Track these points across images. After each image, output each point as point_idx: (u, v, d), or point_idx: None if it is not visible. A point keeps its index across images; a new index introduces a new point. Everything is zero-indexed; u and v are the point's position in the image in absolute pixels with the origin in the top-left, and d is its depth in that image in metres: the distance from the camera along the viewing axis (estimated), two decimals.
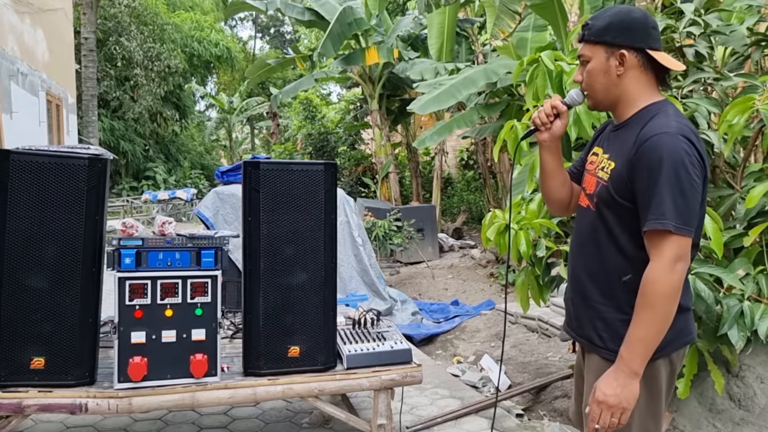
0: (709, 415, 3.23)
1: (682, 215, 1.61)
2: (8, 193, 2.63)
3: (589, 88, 1.84)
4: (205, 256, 2.81)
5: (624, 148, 1.76)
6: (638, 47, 1.75)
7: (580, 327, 1.90)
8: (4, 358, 2.62)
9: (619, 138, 1.82)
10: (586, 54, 1.82)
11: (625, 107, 1.82)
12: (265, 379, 2.90)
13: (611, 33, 1.76)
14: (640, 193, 1.68)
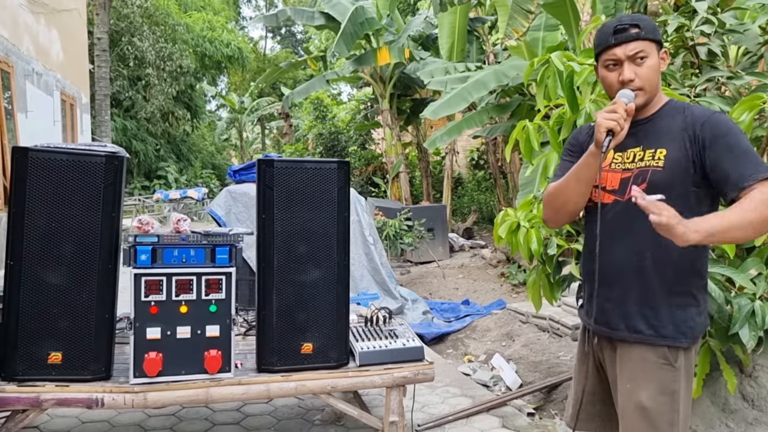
0: (722, 415, 3.22)
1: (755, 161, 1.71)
2: (27, 190, 2.67)
3: (648, 83, 1.87)
4: (220, 253, 2.84)
5: (670, 135, 1.84)
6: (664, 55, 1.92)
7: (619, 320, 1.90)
8: (23, 353, 2.66)
9: (654, 129, 1.89)
10: (644, 51, 1.86)
11: (656, 102, 1.92)
12: (278, 375, 2.93)
13: (658, 33, 1.89)
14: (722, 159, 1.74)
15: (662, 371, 1.83)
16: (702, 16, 3.16)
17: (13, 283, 2.66)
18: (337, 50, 9.84)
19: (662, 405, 1.83)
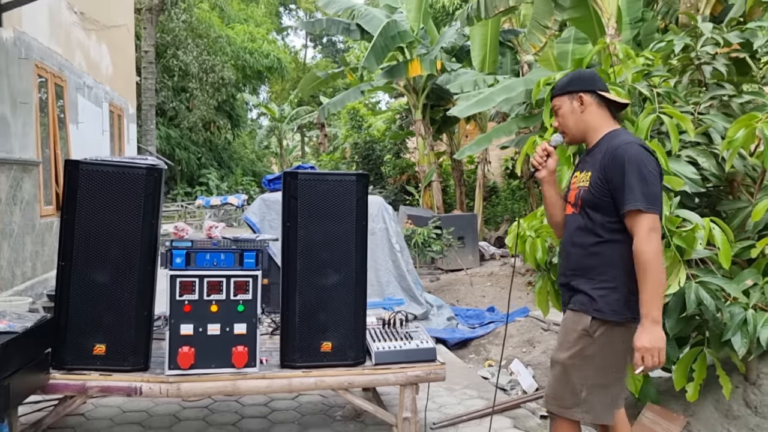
0: (725, 421, 3.32)
1: (648, 197, 2.16)
2: (77, 198, 2.98)
3: (564, 127, 2.47)
4: (247, 257, 3.10)
5: (596, 161, 2.32)
6: (590, 90, 2.41)
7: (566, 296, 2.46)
8: (71, 345, 2.97)
9: (592, 157, 2.39)
10: (557, 104, 2.47)
11: (593, 135, 2.42)
12: (299, 371, 3.17)
13: (570, 85, 2.44)
14: (616, 188, 2.22)
15: (582, 339, 2.31)
16: (707, 37, 3.29)
17: (64, 281, 2.98)
18: (366, 64, 10.14)
19: (577, 365, 2.32)
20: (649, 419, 3.38)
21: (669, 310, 2.69)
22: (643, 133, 2.99)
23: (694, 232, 2.57)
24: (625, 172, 2.18)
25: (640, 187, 2.15)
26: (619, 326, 2.27)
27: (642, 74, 3.30)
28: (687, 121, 2.97)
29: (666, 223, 2.63)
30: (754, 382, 3.41)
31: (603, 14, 6.45)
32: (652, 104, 3.14)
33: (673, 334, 2.73)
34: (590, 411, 2.33)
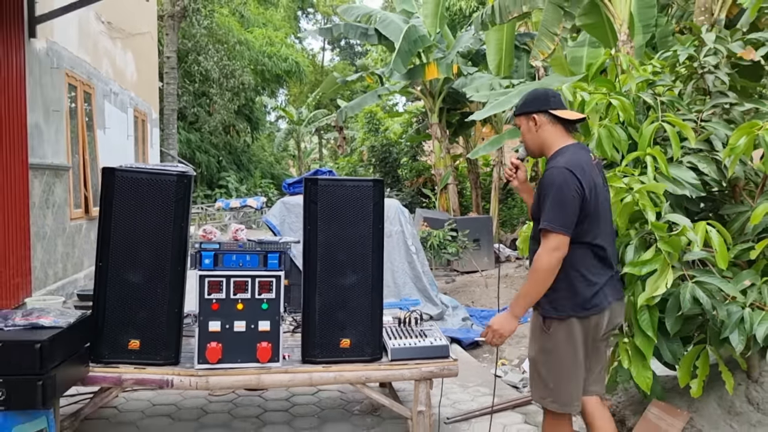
0: (727, 417, 3.44)
1: (557, 220, 2.48)
2: (113, 203, 3.20)
3: (526, 142, 2.79)
4: (271, 258, 3.29)
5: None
6: (543, 110, 2.67)
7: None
8: (107, 340, 3.18)
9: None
10: (517, 123, 2.79)
11: (547, 151, 2.70)
12: (319, 366, 3.36)
13: (525, 106, 2.72)
14: (541, 206, 2.56)
15: (542, 335, 2.65)
16: (709, 47, 3.43)
17: (101, 281, 3.20)
18: (394, 68, 10.36)
19: (541, 359, 2.67)
20: (654, 415, 3.51)
21: (668, 310, 2.84)
22: (647, 140, 3.14)
23: (680, 236, 2.71)
24: (546, 195, 2.53)
25: (553, 210, 2.50)
26: (566, 322, 2.59)
27: (646, 83, 3.44)
28: (688, 129, 3.11)
29: (653, 227, 2.78)
30: (756, 379, 3.53)
31: (615, 20, 6.57)
32: (655, 113, 3.29)
33: (673, 332, 2.87)
34: (557, 400, 2.63)
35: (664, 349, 3.01)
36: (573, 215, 2.49)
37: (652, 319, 2.82)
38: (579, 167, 2.53)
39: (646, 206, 2.78)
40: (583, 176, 2.51)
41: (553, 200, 2.49)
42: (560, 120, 2.66)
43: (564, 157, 2.58)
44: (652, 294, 2.69)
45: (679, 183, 3.02)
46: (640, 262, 2.78)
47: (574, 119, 2.68)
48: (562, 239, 2.48)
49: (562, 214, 2.47)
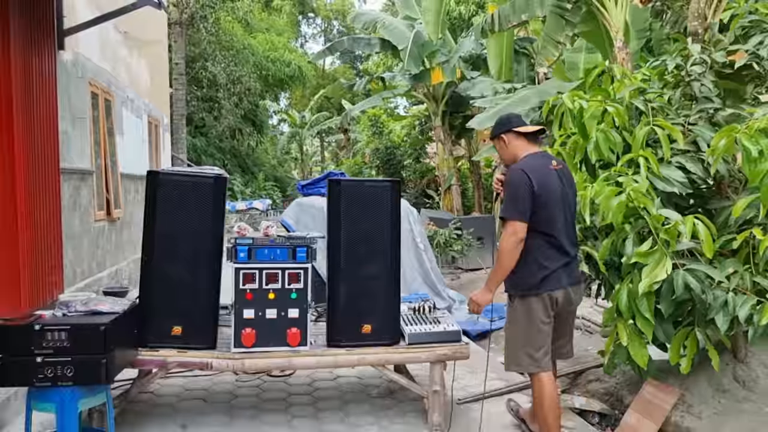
0: (716, 393, 3.78)
1: (512, 211, 3.13)
2: (156, 203, 3.53)
3: (501, 158, 3.52)
4: (299, 252, 3.62)
5: None
6: (506, 130, 3.36)
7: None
8: (153, 327, 3.51)
9: None
10: (494, 144, 3.52)
11: (517, 160, 3.32)
12: (343, 350, 3.69)
13: (495, 131, 3.46)
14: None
15: (509, 310, 3.39)
16: (695, 57, 3.77)
17: (146, 273, 3.53)
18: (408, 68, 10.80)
19: (509, 330, 3.39)
20: (649, 392, 3.85)
21: (662, 294, 3.17)
22: (639, 143, 3.47)
23: (674, 228, 3.05)
24: (506, 192, 3.21)
25: (509, 203, 3.16)
26: (525, 298, 3.24)
27: (638, 91, 3.78)
28: (677, 132, 3.45)
29: (652, 221, 3.11)
30: (742, 360, 3.88)
31: (611, 28, 6.91)
32: (647, 117, 3.63)
33: (667, 314, 3.21)
34: (520, 364, 3.30)
35: (659, 330, 3.35)
36: (526, 206, 3.12)
37: (649, 304, 3.15)
38: (532, 169, 3.18)
39: (645, 203, 3.10)
40: (534, 175, 3.15)
41: (509, 195, 3.18)
42: (523, 134, 3.34)
43: (522, 162, 3.26)
44: (653, 281, 3.02)
45: (668, 181, 3.36)
46: (645, 253, 3.11)
47: (534, 131, 3.35)
48: (518, 225, 3.11)
49: (516, 204, 3.13)
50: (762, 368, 3.82)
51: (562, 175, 3.28)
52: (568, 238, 3.24)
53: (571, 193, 3.31)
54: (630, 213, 3.21)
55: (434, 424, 3.73)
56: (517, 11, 7.64)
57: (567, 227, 3.25)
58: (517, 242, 3.12)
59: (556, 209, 3.18)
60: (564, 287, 3.24)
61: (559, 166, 3.31)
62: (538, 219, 3.15)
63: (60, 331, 2.82)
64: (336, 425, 3.82)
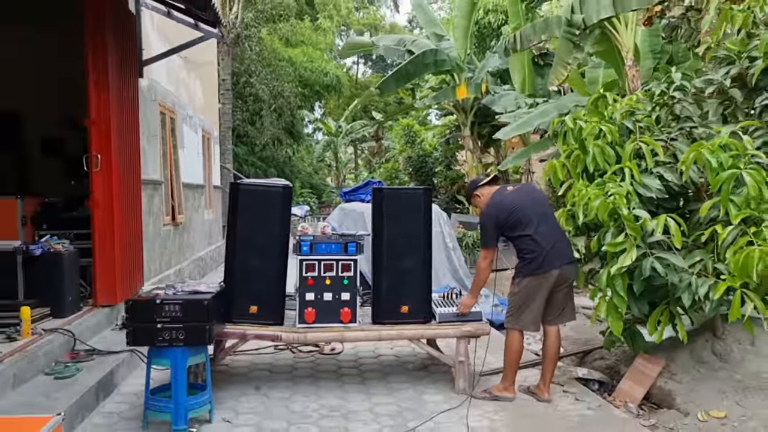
0: (696, 365, 4.52)
1: (484, 242, 4.46)
2: (238, 208, 4.45)
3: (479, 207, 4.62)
4: (350, 247, 4.50)
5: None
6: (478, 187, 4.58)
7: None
8: (236, 306, 4.41)
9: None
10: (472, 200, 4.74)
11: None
12: (385, 326, 4.55)
13: (469, 191, 4.71)
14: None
15: (512, 286, 4.42)
16: (676, 84, 4.53)
17: (230, 264, 4.45)
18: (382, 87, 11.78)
19: (510, 299, 4.40)
20: (640, 363, 4.61)
21: (635, 277, 3.97)
22: (627, 156, 4.26)
23: (643, 225, 3.84)
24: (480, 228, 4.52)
25: (482, 237, 4.54)
26: (525, 278, 4.29)
27: (628, 113, 4.57)
28: (657, 147, 4.23)
29: (623, 219, 3.90)
30: (719, 336, 4.61)
31: (622, 48, 7.65)
32: (635, 135, 4.41)
33: (638, 293, 4.01)
34: (517, 323, 4.36)
35: (633, 305, 4.13)
36: (491, 238, 4.38)
37: (623, 284, 3.95)
38: (495, 205, 4.39)
39: (619, 204, 3.90)
40: (496, 209, 4.36)
41: (481, 231, 4.51)
42: (486, 183, 4.56)
43: (488, 204, 4.45)
44: (621, 265, 3.82)
45: (648, 188, 4.13)
46: (617, 243, 3.92)
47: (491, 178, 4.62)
48: (488, 251, 4.38)
49: (485, 238, 4.44)
50: (736, 344, 4.54)
51: (519, 193, 4.45)
52: (546, 230, 4.26)
53: (529, 200, 4.37)
54: (612, 212, 4.00)
55: (460, 388, 4.56)
56: (537, 32, 8.43)
57: (541, 223, 4.26)
58: (488, 263, 4.37)
59: (523, 216, 4.26)
60: (557, 268, 4.23)
61: (514, 189, 4.51)
62: (514, 228, 4.29)
63: (174, 305, 3.74)
64: (379, 388, 4.68)
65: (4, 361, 3.97)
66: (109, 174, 5.70)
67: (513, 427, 3.94)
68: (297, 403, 4.34)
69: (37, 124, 8.18)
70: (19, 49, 7.64)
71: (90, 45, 5.61)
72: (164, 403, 3.77)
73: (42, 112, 7.97)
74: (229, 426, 3.92)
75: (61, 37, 7.01)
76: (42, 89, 7.72)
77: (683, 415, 4.11)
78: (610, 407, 4.32)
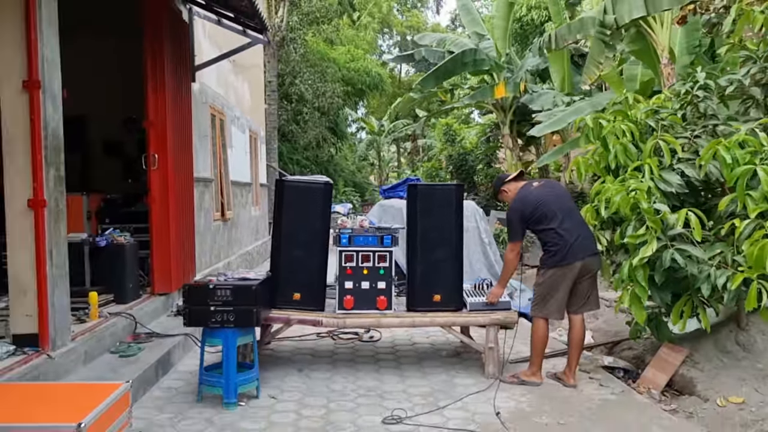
0: (719, 354, 4.68)
1: (510, 235, 4.73)
2: (283, 203, 4.83)
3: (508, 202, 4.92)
4: (386, 239, 4.82)
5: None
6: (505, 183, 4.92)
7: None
8: (280, 293, 4.78)
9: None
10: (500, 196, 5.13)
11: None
12: (419, 313, 4.86)
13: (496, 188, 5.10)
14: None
15: (538, 276, 4.66)
16: (701, 83, 4.70)
17: (276, 254, 4.83)
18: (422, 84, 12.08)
19: (537, 289, 4.65)
20: (664, 353, 4.80)
21: (656, 268, 4.16)
22: (647, 153, 4.46)
23: (663, 218, 4.04)
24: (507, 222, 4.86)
25: (509, 231, 4.80)
26: (549, 269, 4.55)
27: (652, 112, 4.75)
28: (677, 144, 4.42)
29: (644, 212, 4.11)
30: (744, 327, 4.76)
31: (657, 46, 7.75)
32: (656, 133, 4.60)
33: (660, 283, 4.20)
34: (542, 310, 4.61)
35: (656, 295, 4.33)
36: (518, 232, 4.66)
37: (644, 275, 4.15)
38: (520, 200, 4.67)
39: (640, 198, 4.11)
40: (522, 203, 4.63)
41: (508, 225, 4.84)
42: (512, 179, 4.89)
43: (515, 199, 4.73)
44: (642, 256, 4.04)
45: (668, 183, 4.33)
46: (638, 236, 4.13)
47: (517, 174, 4.97)
48: (514, 245, 4.66)
49: (512, 232, 4.68)
50: (760, 335, 4.68)
51: (544, 188, 4.71)
52: (570, 224, 4.50)
53: (554, 195, 4.63)
54: (633, 206, 4.20)
55: (489, 373, 4.83)
56: (572, 31, 8.58)
57: (565, 217, 4.51)
58: (515, 255, 4.66)
59: (548, 211, 4.51)
60: (581, 259, 4.46)
61: (540, 185, 4.75)
62: (539, 222, 4.54)
63: (226, 290, 4.13)
64: (413, 372, 4.99)
65: (77, 339, 4.44)
66: (165, 172, 6.18)
67: (537, 408, 4.19)
68: (336, 383, 4.69)
69: (100, 126, 8.77)
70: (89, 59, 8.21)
71: (149, 53, 6.09)
72: (216, 378, 4.17)
73: (104, 116, 8.55)
74: (274, 402, 4.29)
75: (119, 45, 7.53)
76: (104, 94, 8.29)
77: (703, 401, 4.29)
78: (632, 393, 4.53)
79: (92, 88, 7.84)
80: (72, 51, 5.18)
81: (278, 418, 3.98)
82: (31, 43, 3.96)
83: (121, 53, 7.55)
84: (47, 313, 4.00)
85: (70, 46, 4.99)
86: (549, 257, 4.56)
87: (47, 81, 4.06)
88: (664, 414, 4.13)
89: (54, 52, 4.20)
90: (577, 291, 4.59)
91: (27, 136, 3.97)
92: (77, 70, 5.44)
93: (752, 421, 3.86)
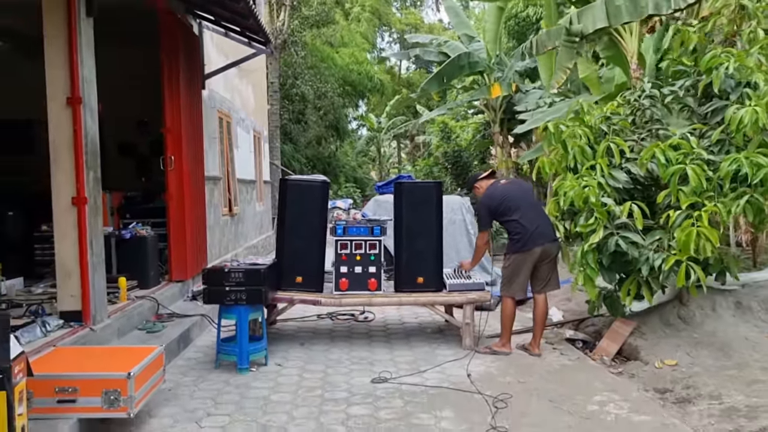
0: (663, 326, 5.42)
1: (480, 224, 5.69)
2: (286, 200, 5.57)
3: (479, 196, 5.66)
4: (376, 230, 5.57)
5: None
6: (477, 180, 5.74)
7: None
8: (284, 277, 5.53)
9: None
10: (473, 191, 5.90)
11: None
12: (404, 294, 5.61)
13: (470, 184, 6.08)
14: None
15: (504, 260, 5.47)
16: (647, 93, 5.42)
17: (280, 244, 5.58)
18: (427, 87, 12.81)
19: (503, 273, 5.44)
20: (617, 326, 5.54)
21: (603, 252, 4.91)
22: (600, 153, 5.19)
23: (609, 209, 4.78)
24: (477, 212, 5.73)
25: (479, 220, 5.70)
26: (513, 255, 5.30)
27: (604, 118, 5.48)
28: (625, 146, 5.15)
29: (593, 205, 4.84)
30: (685, 303, 5.50)
31: (627, 53, 8.46)
32: (608, 136, 5.33)
33: (607, 265, 4.95)
34: (508, 291, 5.31)
35: (605, 276, 5.08)
36: (486, 221, 5.50)
37: (594, 258, 4.90)
38: (488, 195, 5.45)
39: (590, 194, 4.85)
40: (491, 198, 5.41)
41: (478, 215, 5.74)
42: (484, 177, 5.65)
43: (484, 193, 5.50)
44: (590, 242, 4.78)
45: (616, 179, 5.06)
46: (587, 225, 4.87)
47: (488, 173, 5.78)
48: (483, 233, 5.51)
49: (481, 222, 5.54)
50: (699, 309, 5.42)
51: (510, 185, 5.57)
52: (532, 215, 5.27)
53: (519, 191, 5.45)
54: (585, 200, 4.94)
55: (466, 345, 5.57)
56: (551, 38, 9.28)
57: (527, 210, 5.28)
58: (484, 242, 5.56)
59: (512, 204, 5.28)
60: (541, 245, 5.20)
61: (507, 182, 5.71)
62: (504, 214, 5.31)
63: (238, 273, 4.88)
64: (401, 345, 5.75)
65: (111, 316, 5.20)
66: (180, 172, 6.93)
67: (503, 371, 4.94)
68: (333, 354, 5.45)
69: (115, 129, 9.51)
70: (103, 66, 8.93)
71: (165, 64, 6.82)
72: (232, 347, 4.93)
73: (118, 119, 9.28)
74: (280, 368, 5.05)
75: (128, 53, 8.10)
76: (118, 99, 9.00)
77: (644, 365, 5.03)
78: (587, 359, 5.28)
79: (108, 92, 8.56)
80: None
81: (284, 380, 4.74)
82: (74, 64, 4.70)
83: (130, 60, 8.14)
84: (89, 294, 4.76)
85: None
86: (513, 244, 5.29)
87: (86, 97, 4.80)
88: (610, 375, 4.88)
89: (91, 72, 4.94)
90: (539, 273, 5.33)
91: (70, 144, 4.72)
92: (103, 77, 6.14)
93: (680, 378, 4.60)
